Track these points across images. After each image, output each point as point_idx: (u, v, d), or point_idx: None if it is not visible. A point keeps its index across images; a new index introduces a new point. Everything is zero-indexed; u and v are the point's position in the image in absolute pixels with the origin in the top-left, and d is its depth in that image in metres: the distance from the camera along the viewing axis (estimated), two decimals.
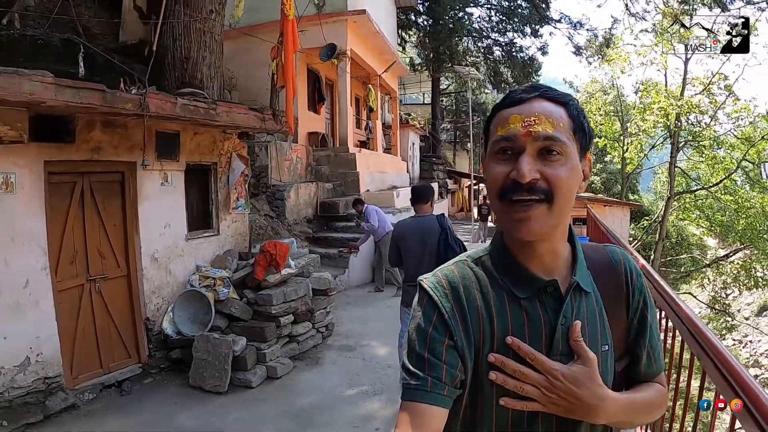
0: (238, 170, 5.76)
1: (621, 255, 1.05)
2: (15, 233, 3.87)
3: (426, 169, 20.19)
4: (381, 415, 4.41)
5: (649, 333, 1.02)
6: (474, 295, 0.94)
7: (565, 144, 0.89)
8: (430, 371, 0.88)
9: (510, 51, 19.64)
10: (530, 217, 0.87)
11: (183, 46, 6.07)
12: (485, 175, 0.94)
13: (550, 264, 0.95)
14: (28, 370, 4.02)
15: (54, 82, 3.45)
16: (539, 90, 0.92)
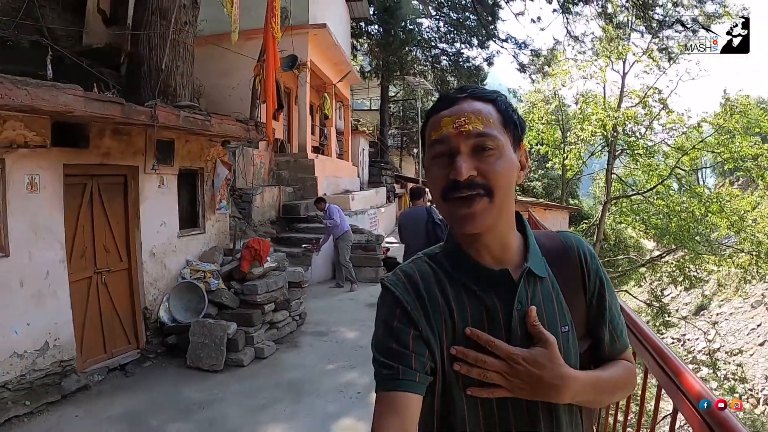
0: (223, 175, 6.35)
1: (574, 239, 1.08)
2: (38, 229, 4.35)
3: (375, 174, 20.83)
4: (359, 382, 5.15)
5: (608, 313, 1.04)
6: (433, 290, 0.98)
7: (496, 138, 0.93)
8: (400, 360, 0.91)
9: (457, 60, 20.48)
10: (473, 212, 0.91)
11: (159, 56, 6.42)
12: (427, 178, 0.99)
13: (500, 254, 0.99)
14: (47, 353, 4.47)
15: (84, 96, 4.00)
16: (467, 91, 0.96)
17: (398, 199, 25.08)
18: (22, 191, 4.18)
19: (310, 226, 10.51)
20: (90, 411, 4.40)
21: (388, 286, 1.00)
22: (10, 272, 4.15)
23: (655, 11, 14.44)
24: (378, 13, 17.69)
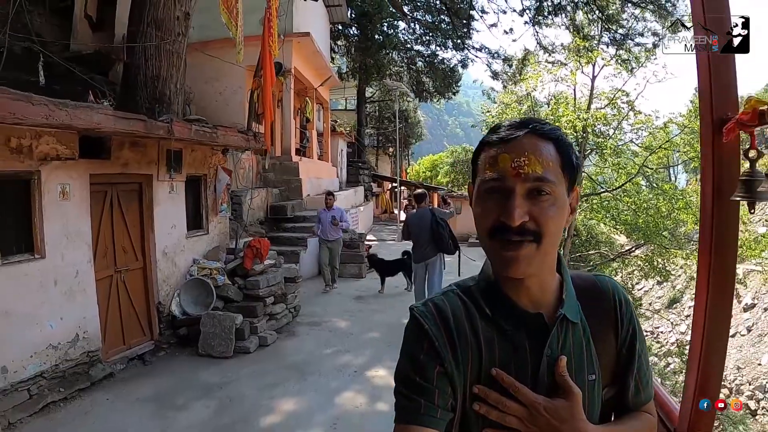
0: (224, 180, 6.91)
1: (610, 284, 1.05)
2: (69, 232, 4.86)
3: (353, 174, 21.31)
4: (354, 363, 5.83)
5: (637, 362, 1.01)
6: (463, 324, 0.95)
7: (553, 183, 0.89)
8: (423, 395, 0.90)
9: (432, 62, 21.11)
10: (519, 256, 0.88)
11: (154, 65, 6.70)
12: (474, 210, 0.96)
13: (537, 296, 0.96)
14: (77, 345, 4.99)
15: (113, 114, 4.54)
16: (528, 126, 0.92)
17: (375, 198, 25.76)
18: (55, 199, 4.70)
19: (296, 226, 11.07)
20: (119, 395, 4.94)
21: (417, 317, 0.96)
22: (46, 272, 4.66)
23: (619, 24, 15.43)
24: (356, 17, 18.21)
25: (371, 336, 6.88)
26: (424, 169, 38.78)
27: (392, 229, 20.69)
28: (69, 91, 4.89)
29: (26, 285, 4.48)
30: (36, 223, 4.55)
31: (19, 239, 4.48)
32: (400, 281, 9.91)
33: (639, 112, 18.22)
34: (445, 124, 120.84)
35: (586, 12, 16.26)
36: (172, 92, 7.08)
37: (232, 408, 4.69)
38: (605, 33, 16.51)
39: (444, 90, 22.41)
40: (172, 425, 4.38)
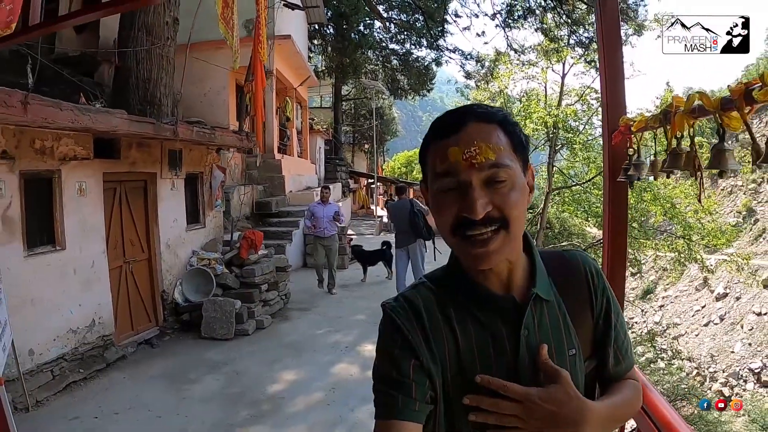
0: (219, 178, 7.42)
1: (580, 257, 1.05)
2: (85, 226, 5.34)
3: (330, 171, 21.73)
4: (344, 340, 6.46)
5: (614, 332, 1.02)
6: (436, 316, 0.94)
7: (509, 167, 0.87)
8: (400, 389, 0.89)
9: (407, 60, 21.76)
10: (489, 250, 0.87)
11: (145, 69, 7.06)
12: (431, 209, 0.94)
13: (507, 278, 0.95)
14: (93, 329, 5.47)
15: (127, 118, 5.04)
16: (471, 114, 0.89)
17: (353, 194, 26.30)
18: (74, 195, 5.18)
19: (281, 221, 11.59)
20: (133, 374, 5.44)
21: (388, 313, 0.96)
22: (66, 263, 5.14)
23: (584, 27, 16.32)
24: (332, 17, 18.68)
25: (358, 318, 7.49)
26: (399, 165, 39.52)
27: (370, 224, 21.27)
28: (58, 93, 5.15)
29: (49, 274, 4.95)
30: (57, 218, 5.02)
31: (42, 232, 4.94)
32: (381, 271, 10.52)
33: None
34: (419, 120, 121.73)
35: (554, 16, 17.11)
36: (162, 94, 7.50)
37: (239, 380, 5.26)
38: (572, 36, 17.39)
39: (419, 87, 23.03)
40: (188, 396, 4.92)
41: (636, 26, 19.40)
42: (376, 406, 0.92)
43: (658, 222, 17.68)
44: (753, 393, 20.37)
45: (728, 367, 22.32)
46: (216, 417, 4.49)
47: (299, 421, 4.43)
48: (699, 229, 17.08)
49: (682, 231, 16.62)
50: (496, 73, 20.12)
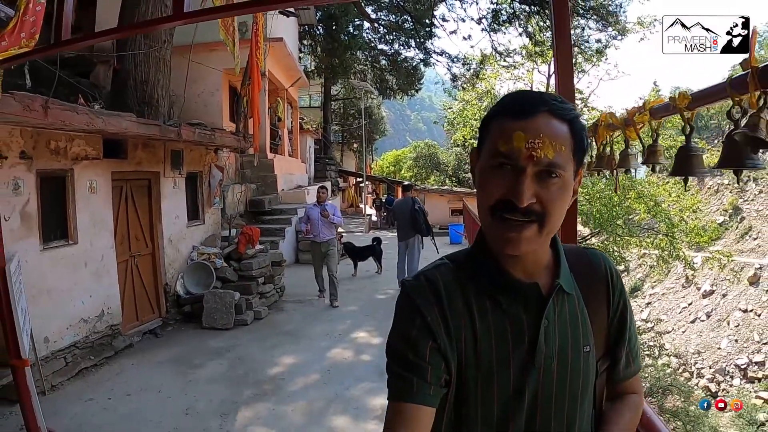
0: (217, 177, 7.79)
1: (601, 257, 1.06)
2: (95, 222, 5.69)
3: (320, 170, 22.02)
4: (338, 329, 6.87)
5: (628, 334, 1.03)
6: (455, 298, 0.94)
7: (563, 168, 0.88)
8: (416, 372, 0.89)
9: (396, 60, 22.16)
10: (522, 237, 0.87)
11: (143, 71, 7.33)
12: (478, 182, 0.94)
13: (532, 268, 0.96)
14: (102, 319, 5.82)
15: (136, 121, 5.41)
16: (546, 105, 0.89)
17: (342, 193, 26.69)
18: (85, 193, 5.53)
19: (274, 218, 11.96)
20: (141, 360, 5.80)
21: (408, 293, 0.96)
22: (79, 256, 5.48)
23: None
24: (322, 18, 19.03)
25: (350, 309, 7.90)
26: (388, 164, 39.93)
27: (359, 222, 21.67)
28: (55, 94, 5.40)
29: (63, 267, 5.30)
30: (70, 214, 5.37)
31: (56, 228, 5.29)
32: (371, 266, 10.95)
33: (593, 108, 19.57)
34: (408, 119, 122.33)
35: (538, 21, 17.66)
36: (159, 96, 7.80)
37: (242, 364, 5.65)
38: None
39: (407, 87, 23.42)
40: (194, 378, 5.29)
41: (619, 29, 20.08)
42: (390, 386, 0.92)
43: (642, 220, 17.85)
44: (739, 389, 20.65)
45: (715, 363, 22.56)
46: (222, 396, 4.87)
47: (299, 398, 4.83)
48: (682, 227, 17.28)
49: (665, 228, 16.82)
50: (482, 74, 20.62)
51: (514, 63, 21.62)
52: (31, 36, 4.17)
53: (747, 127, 0.95)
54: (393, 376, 0.92)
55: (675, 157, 1.26)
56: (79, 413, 4.46)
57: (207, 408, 4.63)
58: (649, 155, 1.41)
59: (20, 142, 4.70)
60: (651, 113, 1.38)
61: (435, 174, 32.76)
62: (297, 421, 4.41)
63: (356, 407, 4.63)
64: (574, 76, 2.42)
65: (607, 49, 20.72)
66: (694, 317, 26.10)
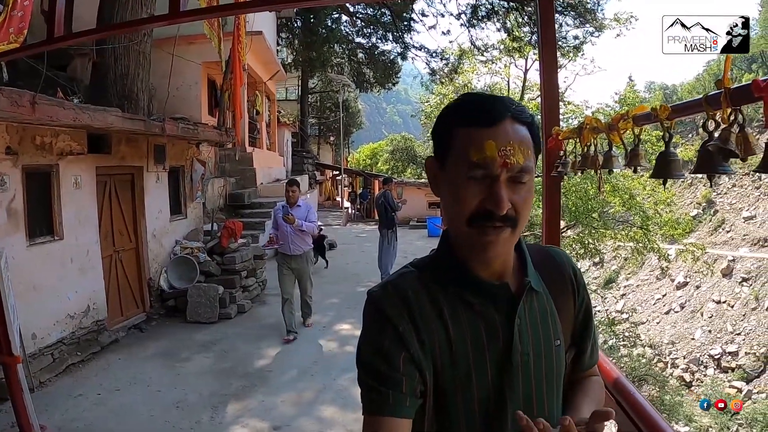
0: (199, 171, 7.81)
1: (563, 255, 1.10)
2: (80, 217, 5.69)
3: (297, 163, 21.94)
4: (321, 321, 7.05)
5: (592, 326, 1.08)
6: (425, 305, 0.93)
7: (532, 171, 0.90)
8: (390, 384, 0.88)
9: (373, 54, 22.07)
10: (499, 240, 0.89)
11: (123, 65, 7.27)
12: (448, 190, 0.94)
13: (500, 269, 0.96)
14: (88, 315, 5.81)
15: (121, 116, 5.43)
16: (509, 110, 0.90)
17: (319, 186, 26.69)
18: (70, 188, 5.53)
19: (253, 212, 11.97)
20: (128, 355, 5.83)
21: (376, 303, 0.94)
22: (64, 251, 5.48)
23: None
24: (300, 11, 18.91)
25: (331, 301, 8.04)
26: (364, 157, 39.98)
27: (336, 215, 21.76)
28: (33, 87, 5.36)
29: (49, 263, 5.30)
30: (55, 210, 5.37)
31: (42, 223, 5.28)
32: (350, 258, 11.11)
33: (569, 103, 19.95)
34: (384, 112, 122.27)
35: (516, 16, 17.94)
36: (139, 89, 7.74)
37: (228, 357, 5.74)
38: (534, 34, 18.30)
39: (384, 81, 23.38)
40: (182, 372, 5.37)
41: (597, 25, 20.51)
42: (365, 400, 0.91)
43: (617, 212, 17.97)
44: (713, 378, 21.04)
45: (689, 353, 22.91)
46: (211, 388, 4.96)
47: (288, 389, 4.96)
48: (656, 220, 17.53)
49: (640, 221, 17.06)
50: (460, 68, 20.83)
51: (491, 58, 21.96)
52: (20, 31, 4.19)
53: (719, 139, 1.06)
54: (367, 389, 0.91)
55: (656, 161, 1.37)
56: (69, 409, 4.50)
57: (197, 401, 4.71)
58: (631, 158, 1.53)
59: (5, 137, 4.70)
60: (634, 121, 1.50)
61: (412, 167, 32.95)
62: (287, 412, 4.52)
63: (344, 397, 4.77)
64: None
65: (584, 45, 21.15)
66: (669, 308, 26.55)
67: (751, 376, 20.24)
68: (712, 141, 1.08)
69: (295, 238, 6.16)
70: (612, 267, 31.06)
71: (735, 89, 1.02)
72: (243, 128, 12.96)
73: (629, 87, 23.41)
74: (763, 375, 20.09)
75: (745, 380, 20.16)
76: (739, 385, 19.90)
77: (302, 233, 6.15)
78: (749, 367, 20.50)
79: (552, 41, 2.36)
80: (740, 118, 1.03)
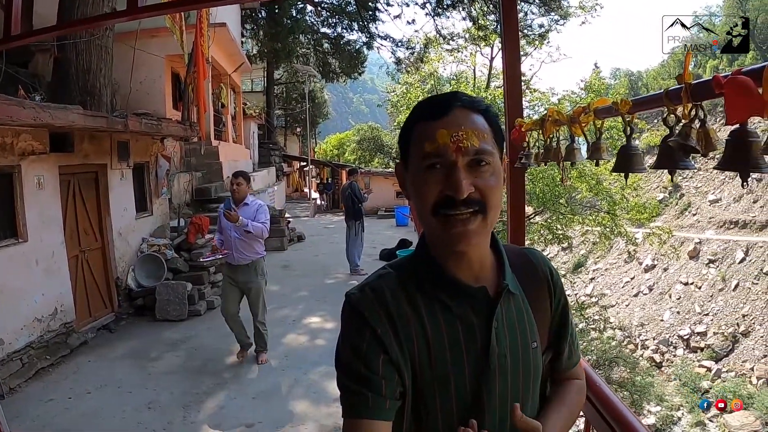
0: (164, 167, 7.74)
1: (540, 256, 1.10)
2: (44, 218, 5.59)
3: (264, 155, 21.71)
4: (292, 315, 7.17)
5: (570, 327, 1.09)
6: (403, 307, 0.93)
7: (491, 153, 0.91)
8: (370, 387, 0.89)
9: (338, 44, 21.90)
10: (468, 230, 0.89)
11: (85, 60, 7.09)
12: (412, 189, 0.95)
13: (477, 270, 0.97)
14: (56, 317, 5.72)
15: (83, 113, 5.35)
16: (459, 100, 0.92)
17: (287, 177, 26.55)
18: (33, 189, 5.43)
19: (221, 206, 11.88)
20: (98, 357, 5.78)
21: (354, 306, 0.95)
22: (29, 254, 5.39)
23: None
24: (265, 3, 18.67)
25: (301, 294, 8.13)
26: (332, 147, 39.88)
27: (304, 207, 21.75)
28: None
29: (14, 265, 5.21)
30: (19, 211, 5.27)
31: (5, 226, 5.19)
32: (320, 250, 11.18)
33: (535, 90, 20.22)
34: (350, 102, 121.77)
35: (481, 5, 18.10)
36: (101, 85, 7.57)
37: (199, 355, 5.77)
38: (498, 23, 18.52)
39: (350, 70, 23.27)
40: (153, 372, 5.36)
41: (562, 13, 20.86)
42: (345, 403, 0.92)
43: (584, 198, 18.13)
44: (683, 358, 21.64)
45: (658, 334, 23.52)
46: (183, 387, 4.98)
47: (260, 385, 5.02)
48: (623, 205, 17.81)
49: (607, 206, 17.26)
50: (426, 57, 20.92)
51: (457, 46, 22.10)
52: None
53: (680, 135, 1.06)
54: (347, 391, 0.91)
55: (617, 155, 1.38)
56: (41, 415, 4.46)
57: (169, 400, 4.72)
58: (593, 151, 1.56)
59: None
60: (595, 114, 1.50)
61: (379, 156, 33.01)
62: (259, 409, 4.58)
63: (315, 391, 4.86)
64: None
65: (549, 33, 21.49)
66: (637, 291, 27.27)
67: (719, 355, 20.80)
68: (673, 136, 1.08)
69: (240, 243, 5.10)
70: (580, 252, 31.50)
71: (696, 84, 1.02)
72: (208, 122, 12.80)
73: (595, 74, 23.81)
74: (731, 354, 20.66)
75: (714, 359, 20.71)
76: (709, 364, 20.47)
77: (250, 237, 5.08)
78: (718, 346, 21.09)
79: (515, 34, 2.39)
80: (701, 113, 1.03)
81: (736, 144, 0.89)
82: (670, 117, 1.11)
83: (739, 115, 0.86)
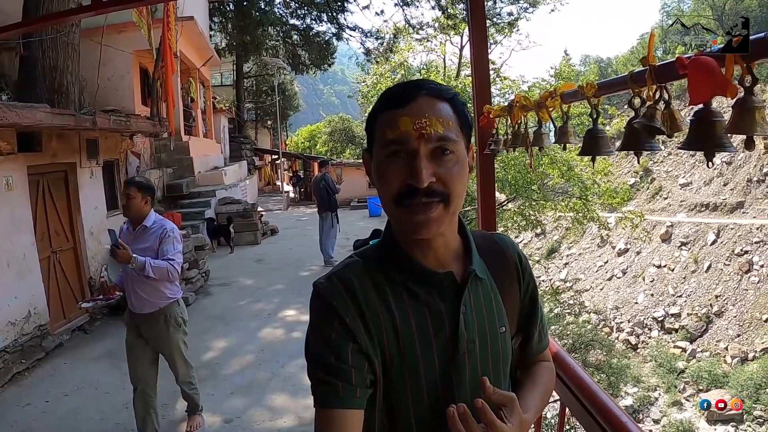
0: (134, 164, 7.70)
1: (508, 241, 1.11)
2: (14, 220, 5.52)
3: (235, 149, 21.59)
4: (267, 309, 7.16)
5: (539, 312, 1.10)
6: (371, 295, 0.94)
7: (455, 142, 0.90)
8: (340, 376, 0.89)
9: (308, 35, 21.84)
10: (429, 218, 0.88)
11: (51, 57, 6.96)
12: (376, 177, 0.95)
13: (443, 257, 0.98)
14: (30, 320, 5.66)
15: (50, 112, 5.30)
16: (424, 88, 0.92)
17: (259, 171, 26.36)
18: (2, 190, 5.36)
19: (192, 202, 11.83)
20: (75, 358, 5.74)
21: (322, 295, 0.95)
22: (0, 256, 5.33)
23: None
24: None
25: (276, 288, 8.20)
26: (303, 139, 39.62)
27: (277, 200, 21.64)
28: None
29: None
30: None
31: None
32: (294, 243, 11.24)
33: (505, 78, 20.45)
34: (321, 93, 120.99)
35: None
36: (69, 82, 7.43)
37: None
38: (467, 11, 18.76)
39: (320, 62, 23.22)
40: None
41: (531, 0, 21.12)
42: (316, 393, 0.92)
43: (556, 184, 18.09)
44: (658, 340, 21.90)
45: (633, 317, 23.75)
46: (160, 386, 4.90)
47: (237, 380, 5.08)
48: (595, 190, 17.95)
49: (579, 192, 17.28)
50: (396, 47, 20.98)
51: (427, 36, 22.21)
52: None
53: (645, 116, 1.06)
54: (317, 381, 0.91)
55: (583, 138, 1.39)
56: (19, 420, 4.44)
57: None
58: (560, 135, 1.58)
59: None
60: (562, 98, 1.52)
61: (351, 147, 32.95)
62: (237, 404, 4.64)
63: (293, 384, 4.93)
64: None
65: (518, 21, 21.71)
66: (611, 275, 27.45)
67: (694, 336, 21.19)
68: (638, 119, 1.09)
69: (139, 284, 3.46)
70: (554, 237, 31.84)
71: (660, 66, 1.04)
72: (177, 117, 12.67)
73: (564, 61, 24.07)
74: (705, 334, 21.06)
75: (688, 340, 21.11)
76: (684, 345, 20.88)
77: (154, 283, 3.44)
78: (692, 327, 21.45)
79: (482, 20, 2.45)
80: (666, 95, 1.05)
81: (699, 124, 0.90)
82: (635, 99, 1.13)
83: (703, 95, 0.88)
